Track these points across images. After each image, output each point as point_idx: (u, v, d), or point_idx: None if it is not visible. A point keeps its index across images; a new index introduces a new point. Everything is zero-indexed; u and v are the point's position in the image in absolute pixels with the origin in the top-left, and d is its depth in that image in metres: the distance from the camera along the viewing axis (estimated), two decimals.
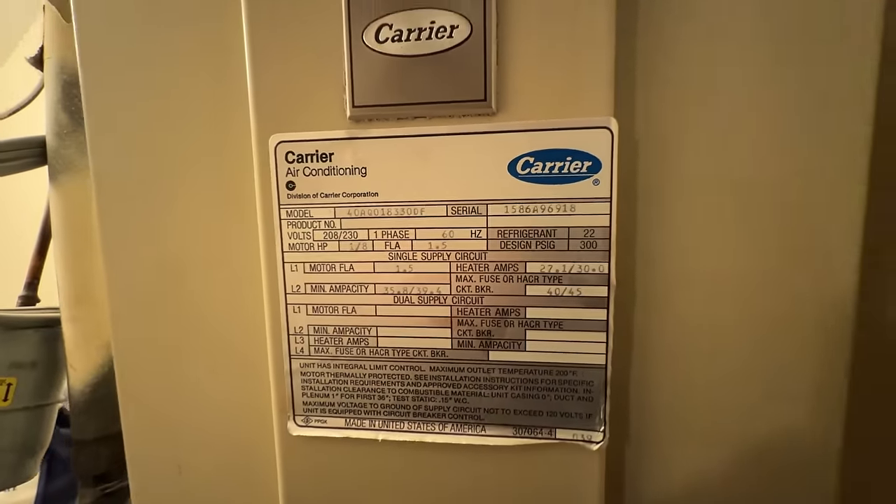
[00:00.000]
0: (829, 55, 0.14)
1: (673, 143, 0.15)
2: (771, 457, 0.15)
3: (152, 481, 0.20)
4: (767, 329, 0.15)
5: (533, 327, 0.15)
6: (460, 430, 0.16)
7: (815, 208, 0.15)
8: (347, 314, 0.16)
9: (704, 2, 0.15)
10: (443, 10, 0.14)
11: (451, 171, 0.15)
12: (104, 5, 0.18)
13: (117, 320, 0.19)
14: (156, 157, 0.18)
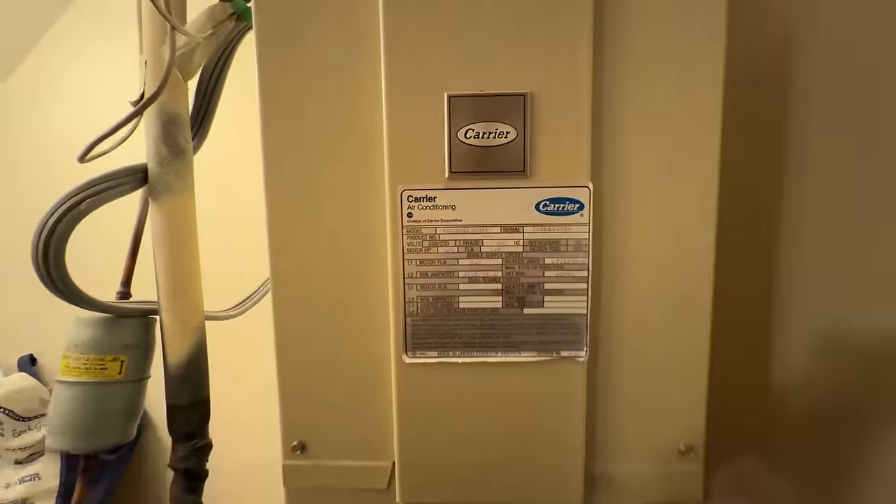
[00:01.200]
0: (687, 115, 0.28)
1: (618, 193, 0.28)
2: (665, 361, 0.29)
3: (301, 408, 0.31)
4: (669, 290, 0.29)
5: (548, 294, 0.28)
6: (506, 355, 0.29)
7: (692, 223, 0.28)
8: (440, 290, 0.28)
9: (634, 119, 0.28)
10: (502, 122, 0.27)
11: (504, 208, 0.28)
12: (285, 79, 0.28)
13: (278, 279, 0.30)
14: (317, 185, 0.29)
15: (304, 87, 0.28)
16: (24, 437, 0.76)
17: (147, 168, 0.42)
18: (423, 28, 0.27)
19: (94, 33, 0.90)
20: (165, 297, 0.43)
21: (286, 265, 0.30)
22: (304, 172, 0.29)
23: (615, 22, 0.27)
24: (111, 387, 0.43)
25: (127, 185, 0.42)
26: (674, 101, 0.27)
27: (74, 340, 0.42)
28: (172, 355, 0.43)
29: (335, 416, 0.31)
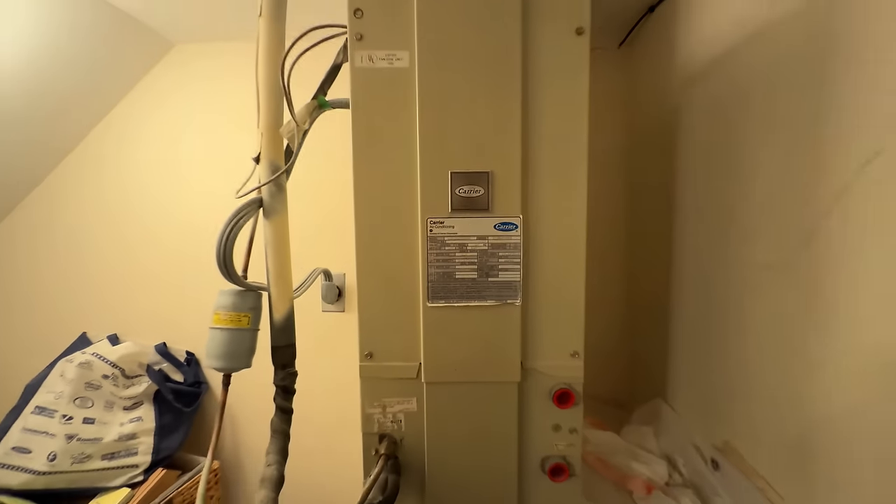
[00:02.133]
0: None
1: (533, 220, 0.56)
2: (561, 305, 0.57)
3: (370, 333, 0.58)
4: (560, 267, 0.57)
5: (502, 271, 0.56)
6: (478, 301, 0.57)
7: (571, 232, 0.56)
8: (445, 268, 0.56)
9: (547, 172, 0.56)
10: (477, 185, 0.54)
11: (478, 227, 0.55)
12: (367, 156, 0.56)
13: (360, 242, 0.57)
14: (384, 214, 0.56)
15: (377, 161, 0.56)
16: (131, 389, 1.02)
17: (262, 200, 0.69)
18: (439, 136, 0.54)
19: (179, 86, 1.16)
20: (273, 278, 0.70)
21: (366, 258, 0.57)
22: (376, 207, 0.57)
23: (533, 129, 0.55)
24: (242, 332, 0.70)
25: (254, 211, 0.69)
26: (559, 166, 0.55)
27: (221, 304, 0.69)
28: (276, 315, 0.70)
29: (388, 337, 0.58)
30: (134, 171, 1.20)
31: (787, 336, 0.60)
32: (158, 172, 1.19)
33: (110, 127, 1.20)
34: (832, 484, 0.53)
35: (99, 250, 1.23)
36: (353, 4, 0.54)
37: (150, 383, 1.04)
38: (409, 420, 0.60)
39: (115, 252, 1.22)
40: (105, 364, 0.99)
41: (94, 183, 1.22)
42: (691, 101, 0.84)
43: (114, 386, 0.99)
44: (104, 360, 1.00)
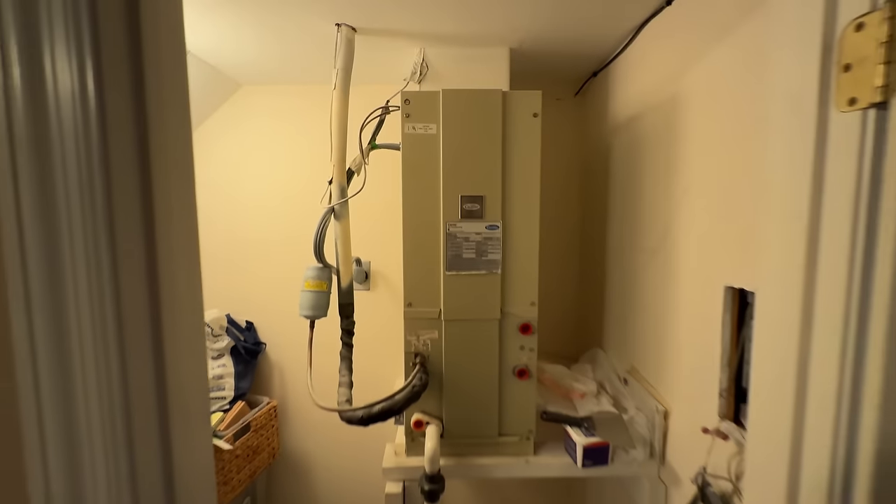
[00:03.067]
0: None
1: (509, 223, 0.96)
2: (524, 274, 0.97)
3: (410, 290, 0.97)
4: (524, 250, 0.97)
5: (489, 254, 0.95)
6: (475, 271, 0.96)
7: (531, 230, 0.96)
8: (457, 251, 0.95)
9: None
10: (475, 203, 0.94)
11: (476, 227, 0.95)
12: (412, 185, 0.94)
13: (406, 236, 0.96)
14: (419, 218, 0.95)
15: (417, 187, 0.95)
16: (217, 344, 1.38)
17: (335, 208, 1.07)
18: (453, 170, 0.93)
19: (243, 121, 1.51)
20: (341, 260, 1.08)
21: (410, 246, 0.96)
22: (416, 214, 0.95)
23: (507, 170, 0.94)
24: (323, 294, 1.08)
25: (329, 215, 1.06)
26: (523, 192, 0.95)
27: (309, 276, 1.07)
28: (343, 283, 1.09)
29: (421, 293, 0.97)
30: (203, 187, 1.56)
31: (657, 294, 1.01)
32: (221, 189, 1.55)
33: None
34: (673, 372, 0.95)
35: None
36: (404, 96, 0.93)
37: (230, 340, 1.40)
38: (434, 344, 0.99)
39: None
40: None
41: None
42: (616, 143, 1.26)
43: (206, 340, 1.35)
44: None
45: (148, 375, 0.47)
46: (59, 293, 0.40)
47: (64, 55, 0.39)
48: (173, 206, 0.49)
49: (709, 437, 0.76)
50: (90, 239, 0.41)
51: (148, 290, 0.47)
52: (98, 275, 0.42)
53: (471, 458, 1.02)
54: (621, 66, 1.23)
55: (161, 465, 0.48)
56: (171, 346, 0.49)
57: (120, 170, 0.42)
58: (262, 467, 1.42)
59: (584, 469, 0.98)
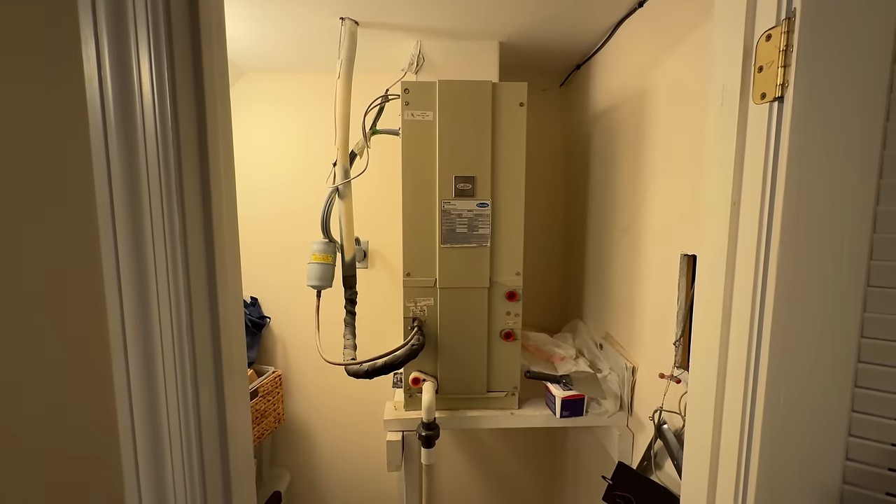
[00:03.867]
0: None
1: (498, 202, 1.07)
2: (511, 246, 1.09)
3: (409, 261, 1.08)
4: (510, 228, 1.08)
5: (479, 229, 1.07)
6: (468, 244, 1.07)
7: (517, 208, 1.08)
8: (451, 226, 1.06)
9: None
10: (467, 183, 1.05)
11: (469, 205, 1.06)
12: (411, 166, 1.05)
13: (406, 213, 1.07)
14: (417, 197, 1.06)
15: (415, 169, 1.05)
16: None
17: (339, 188, 1.17)
18: (448, 153, 1.04)
19: (248, 105, 1.60)
20: (345, 235, 1.19)
21: (409, 221, 1.07)
22: (415, 194, 1.06)
23: (496, 154, 1.06)
24: (327, 266, 1.19)
25: (334, 195, 1.17)
26: (510, 174, 1.07)
27: (316, 249, 1.18)
28: (347, 256, 1.20)
29: (419, 264, 1.09)
30: None
31: (628, 266, 1.14)
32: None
33: None
34: (641, 333, 1.08)
35: None
36: (404, 85, 1.03)
37: None
38: (430, 310, 1.11)
39: None
40: None
41: None
42: (595, 131, 1.37)
43: None
44: None
45: (207, 329, 0.58)
46: (144, 261, 0.51)
47: (147, 61, 0.49)
48: (222, 185, 0.60)
49: (665, 382, 0.90)
50: (167, 217, 0.52)
51: (206, 261, 0.58)
52: (172, 244, 0.53)
53: (462, 411, 1.15)
54: (601, 60, 1.34)
55: (216, 405, 0.60)
56: (223, 307, 0.60)
57: (187, 152, 0.53)
58: (268, 431, 1.53)
59: (562, 419, 1.12)
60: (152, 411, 0.53)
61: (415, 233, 1.08)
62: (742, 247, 0.60)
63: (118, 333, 0.52)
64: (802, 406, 0.55)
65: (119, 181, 0.50)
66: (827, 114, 0.50)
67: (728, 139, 0.60)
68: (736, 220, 0.60)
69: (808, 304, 0.54)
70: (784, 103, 0.51)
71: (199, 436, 0.55)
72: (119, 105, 0.49)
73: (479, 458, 1.81)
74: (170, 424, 0.54)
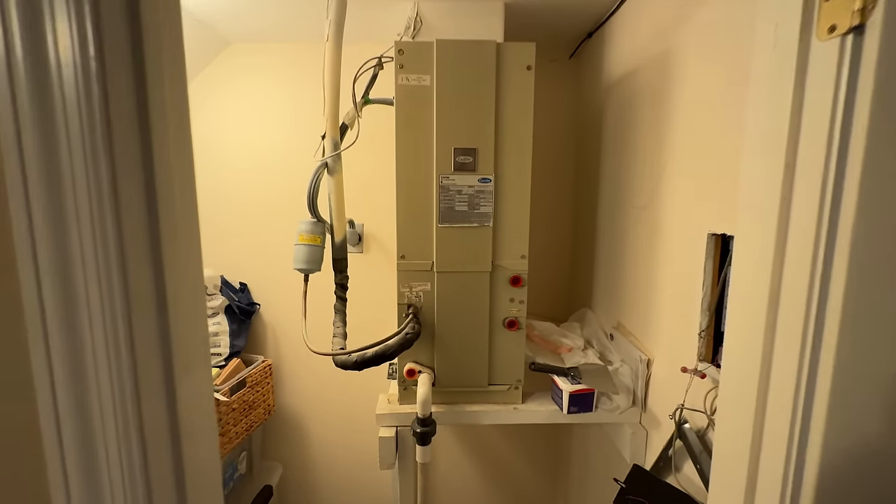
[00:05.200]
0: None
1: (501, 177, 0.97)
2: (516, 227, 0.99)
3: (403, 243, 0.98)
4: (514, 203, 0.98)
5: (481, 207, 0.97)
6: (468, 224, 0.97)
7: (523, 186, 0.97)
8: (450, 203, 0.96)
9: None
10: (468, 156, 0.94)
11: (469, 181, 0.96)
12: (406, 137, 0.95)
13: (400, 188, 0.97)
14: (414, 170, 0.96)
15: (410, 140, 0.95)
16: (211, 302, 1.40)
17: (328, 163, 1.07)
18: (446, 122, 0.94)
19: (235, 79, 1.49)
20: (335, 215, 1.09)
21: (403, 198, 0.97)
22: (410, 167, 0.96)
23: (501, 124, 0.95)
24: (316, 248, 1.09)
25: (323, 170, 1.07)
26: (515, 146, 0.96)
27: (303, 230, 1.07)
28: (337, 238, 1.10)
29: (414, 245, 0.99)
30: (195, 145, 1.54)
31: (645, 249, 1.04)
32: (212, 150, 1.53)
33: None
34: (658, 322, 0.98)
35: None
36: (397, 46, 0.92)
37: (224, 299, 1.41)
38: (426, 296, 1.01)
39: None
40: None
41: None
42: (609, 102, 1.26)
43: None
44: None
45: (152, 319, 0.48)
46: (65, 245, 0.41)
47: (64, 17, 0.38)
48: (172, 163, 0.49)
49: (687, 377, 0.80)
50: (94, 197, 0.41)
51: (150, 239, 0.48)
52: (102, 226, 0.42)
53: (461, 405, 1.06)
54: (616, 24, 1.22)
55: (166, 407, 0.50)
56: (172, 292, 0.50)
57: (121, 129, 0.43)
58: (257, 422, 1.46)
59: (569, 416, 1.03)
60: (83, 422, 0.44)
61: (409, 211, 0.98)
62: (797, 220, 0.49)
63: (37, 327, 0.42)
64: (881, 412, 0.46)
65: (33, 152, 0.40)
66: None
67: (782, 89, 0.49)
68: (789, 187, 0.50)
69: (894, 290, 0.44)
70: (865, 34, 0.41)
71: (143, 445, 0.46)
72: (29, 62, 0.39)
73: (480, 454, 1.73)
74: (105, 434, 0.45)
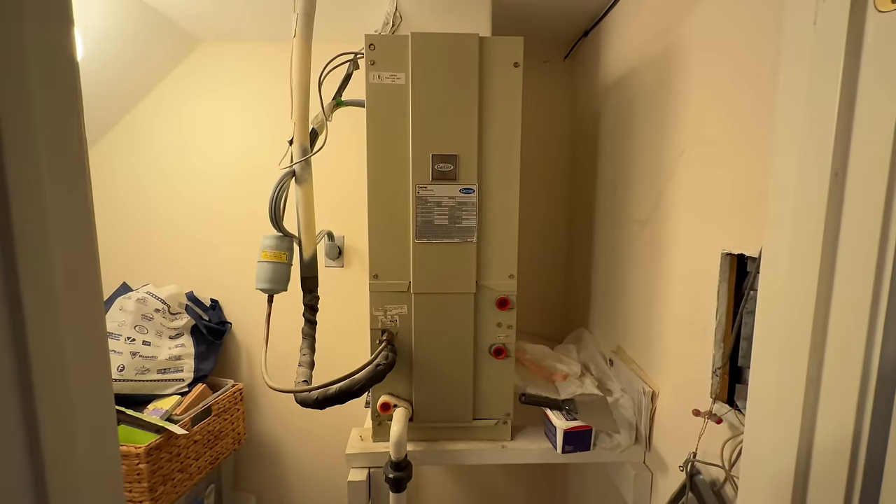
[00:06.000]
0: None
1: (485, 186, 0.86)
2: (502, 241, 0.88)
3: (376, 262, 0.87)
4: (502, 216, 0.87)
5: (463, 220, 0.86)
6: (448, 240, 0.87)
7: (511, 195, 0.87)
8: (427, 216, 0.85)
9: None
10: (448, 163, 0.84)
11: (449, 191, 0.85)
12: (377, 141, 0.84)
13: (371, 200, 0.86)
14: (387, 180, 0.85)
15: (383, 145, 0.85)
16: (175, 322, 1.28)
17: (295, 171, 0.96)
18: (424, 125, 0.83)
19: (204, 82, 1.39)
20: (303, 229, 0.97)
21: (375, 211, 0.86)
22: (382, 176, 0.85)
23: (485, 127, 0.85)
24: (282, 265, 0.97)
25: (289, 178, 0.96)
26: (501, 152, 0.86)
27: (267, 245, 0.96)
28: (305, 254, 0.98)
29: (389, 264, 0.88)
30: (163, 152, 1.43)
31: (646, 267, 0.93)
32: (182, 157, 1.43)
33: (144, 111, 1.42)
34: (662, 350, 0.87)
35: (134, 215, 1.46)
36: (368, 40, 0.82)
37: (189, 318, 1.30)
38: (402, 319, 0.90)
39: (148, 217, 1.46)
40: (156, 300, 1.25)
41: (128, 160, 1.44)
42: (606, 105, 1.16)
43: (163, 318, 1.24)
44: (155, 297, 1.25)
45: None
46: None
47: None
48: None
49: (699, 420, 0.69)
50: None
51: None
52: None
53: (443, 443, 0.94)
54: (614, 21, 1.12)
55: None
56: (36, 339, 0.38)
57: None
58: (225, 453, 1.33)
59: (564, 455, 0.91)
60: None
61: (383, 225, 0.87)
62: (848, 238, 0.39)
63: None
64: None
65: None
66: None
67: (826, 76, 0.39)
68: (838, 198, 0.39)
69: None
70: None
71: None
72: None
73: (469, 490, 1.60)
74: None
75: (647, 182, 0.93)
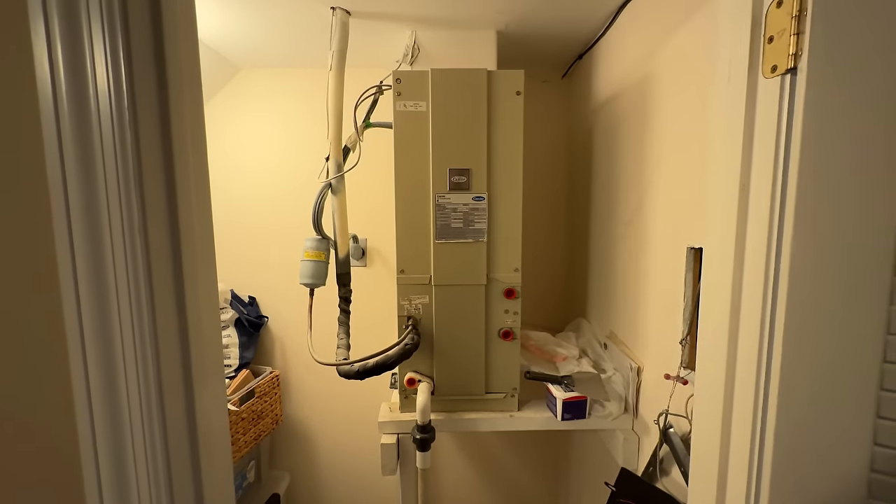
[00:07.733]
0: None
1: (494, 195, 1.03)
2: (508, 240, 1.04)
3: (402, 259, 1.04)
4: (508, 219, 1.04)
5: (475, 223, 1.02)
6: (463, 240, 1.03)
7: (515, 200, 1.03)
8: (445, 221, 1.02)
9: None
10: (462, 176, 1.00)
11: (464, 199, 1.01)
12: (404, 157, 1.01)
13: (399, 208, 1.03)
14: (412, 191, 1.02)
15: (408, 161, 1.01)
16: (222, 315, 1.46)
17: (331, 183, 1.14)
18: (442, 145, 1.00)
19: (244, 105, 1.57)
20: (338, 232, 1.15)
21: (402, 216, 1.03)
22: (408, 187, 1.02)
23: (492, 145, 1.01)
24: (321, 263, 1.15)
25: (327, 190, 1.13)
26: (507, 166, 1.02)
27: (309, 246, 1.14)
28: (340, 253, 1.16)
29: (413, 260, 1.05)
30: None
31: (633, 261, 1.09)
32: (223, 171, 1.61)
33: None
34: (646, 331, 1.03)
35: None
36: (395, 76, 0.99)
37: (234, 312, 1.48)
38: (425, 308, 1.07)
39: None
40: None
41: None
42: (598, 122, 1.32)
43: None
44: None
45: (174, 332, 0.54)
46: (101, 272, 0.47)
47: (101, 51, 0.45)
48: (190, 176, 0.55)
49: (671, 383, 0.84)
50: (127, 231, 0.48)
51: (172, 257, 0.54)
52: (133, 255, 0.49)
53: (459, 413, 1.10)
54: (603, 48, 1.29)
55: (186, 414, 0.55)
56: (192, 306, 0.56)
57: (148, 143, 0.49)
58: (266, 432, 1.50)
59: (563, 422, 1.07)
60: (115, 425, 0.50)
61: (408, 228, 1.04)
62: (752, 234, 0.55)
63: (76, 341, 0.48)
64: (821, 401, 0.50)
65: (74, 175, 0.46)
66: (847, 84, 0.45)
67: (736, 118, 0.55)
68: (745, 205, 0.55)
69: (827, 295, 0.49)
70: (798, 75, 0.46)
71: (166, 448, 0.51)
72: (72, 94, 0.45)
73: (480, 460, 1.76)
74: (133, 438, 0.50)
75: (630, 189, 1.09)
